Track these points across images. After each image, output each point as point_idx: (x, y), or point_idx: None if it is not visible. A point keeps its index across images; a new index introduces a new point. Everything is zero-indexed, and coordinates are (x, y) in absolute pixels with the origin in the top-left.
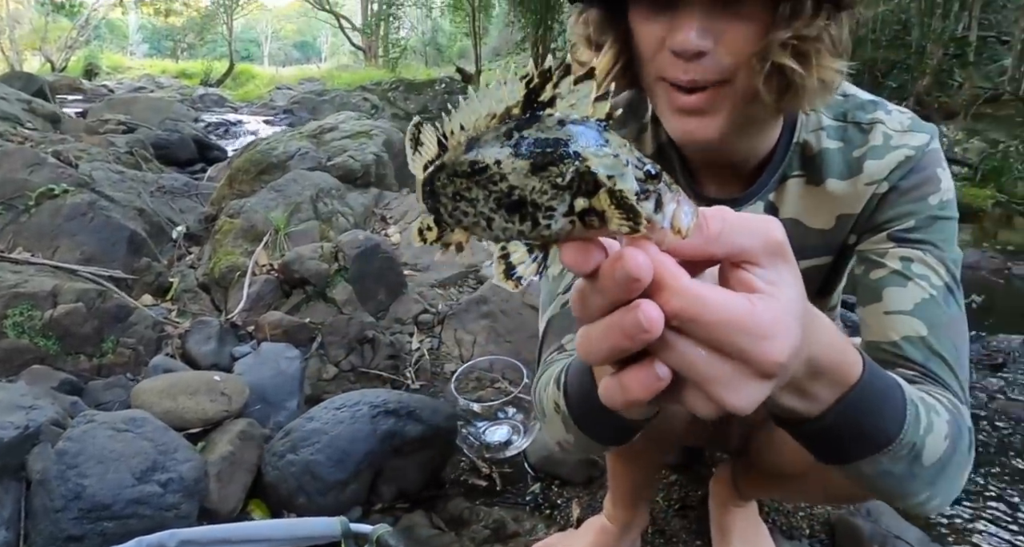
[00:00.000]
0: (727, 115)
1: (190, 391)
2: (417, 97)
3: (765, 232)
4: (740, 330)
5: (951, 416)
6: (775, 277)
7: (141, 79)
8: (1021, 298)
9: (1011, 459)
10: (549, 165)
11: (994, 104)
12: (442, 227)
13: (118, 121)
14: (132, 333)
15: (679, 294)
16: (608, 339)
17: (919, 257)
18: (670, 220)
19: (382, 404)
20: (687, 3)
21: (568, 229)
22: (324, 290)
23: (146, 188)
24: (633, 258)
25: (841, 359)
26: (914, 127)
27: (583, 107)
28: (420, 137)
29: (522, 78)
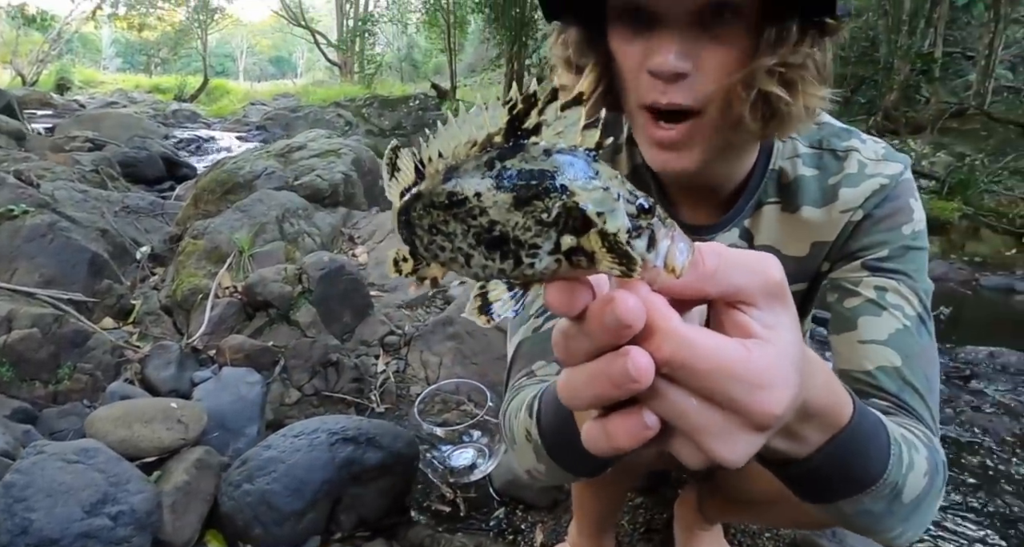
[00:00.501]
0: (703, 148)
1: (146, 419)
2: (391, 113)
3: (764, 271)
4: (734, 379)
5: (929, 452)
6: (772, 320)
7: (114, 94)
8: (988, 309)
9: (977, 472)
10: (534, 199)
11: (960, 118)
12: (418, 259)
13: (86, 138)
14: (90, 358)
15: (670, 339)
16: (594, 387)
17: (893, 287)
18: (664, 258)
19: (341, 431)
20: (667, 24)
21: (553, 268)
22: (288, 313)
23: (110, 208)
24: (624, 302)
25: (833, 401)
26: (888, 156)
27: (571, 135)
28: (397, 162)
29: (505, 103)
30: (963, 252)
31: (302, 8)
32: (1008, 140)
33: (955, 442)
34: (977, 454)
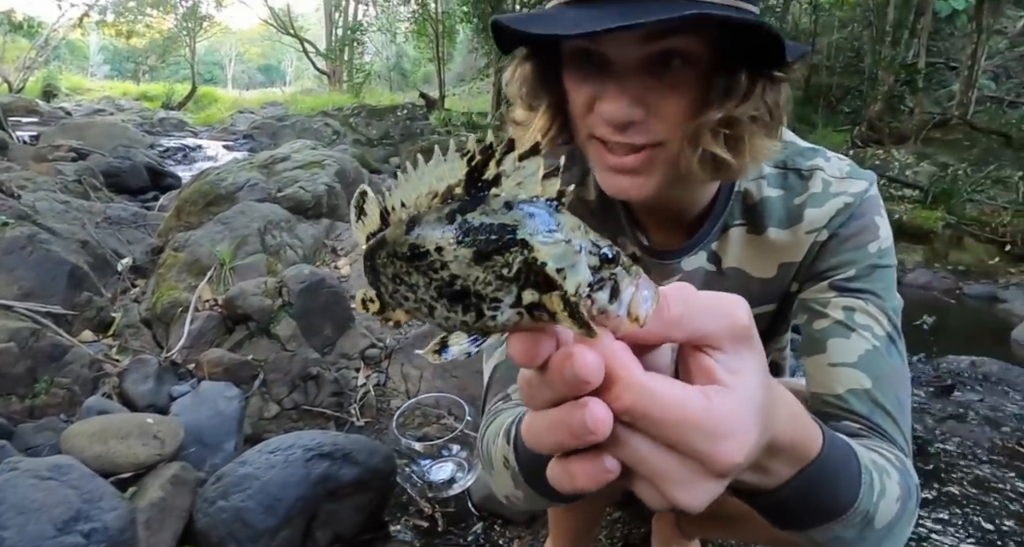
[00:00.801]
0: (660, 175)
1: (121, 434)
2: (379, 123)
3: (730, 316)
4: (694, 429)
5: (901, 476)
6: (738, 365)
7: (101, 101)
8: (971, 318)
9: (959, 483)
10: (494, 254)
11: (943, 129)
12: (384, 302)
13: (70, 147)
14: (67, 372)
15: (630, 389)
16: (554, 434)
17: (861, 307)
18: (627, 307)
19: (316, 447)
20: (617, 71)
21: (516, 320)
22: (268, 326)
23: (92, 219)
24: (582, 358)
25: (802, 436)
26: (853, 174)
27: (531, 185)
28: (364, 206)
29: (463, 155)
30: (947, 261)
31: (291, 17)
32: (990, 150)
33: (937, 453)
34: (959, 465)
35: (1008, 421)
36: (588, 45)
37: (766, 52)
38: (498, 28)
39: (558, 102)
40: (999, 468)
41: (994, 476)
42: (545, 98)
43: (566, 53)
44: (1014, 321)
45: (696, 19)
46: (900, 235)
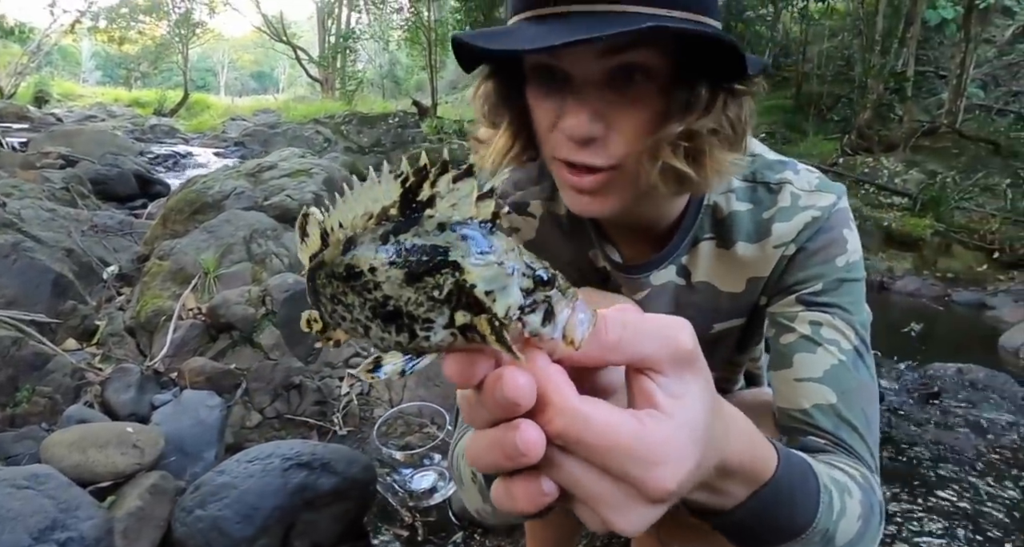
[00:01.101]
0: (621, 195)
1: (101, 443)
2: (371, 130)
3: (672, 339)
4: (626, 455)
5: (863, 494)
6: (679, 389)
7: (92, 107)
8: (960, 325)
9: (944, 491)
10: (425, 275)
11: (932, 137)
12: (326, 322)
13: (59, 154)
14: (49, 381)
15: (562, 413)
16: (490, 455)
17: (828, 321)
18: (562, 330)
19: (295, 456)
20: (579, 86)
21: (449, 341)
22: (251, 335)
23: (78, 227)
24: (513, 380)
25: (754, 457)
26: (822, 187)
27: (465, 207)
28: (307, 228)
29: (397, 176)
30: (935, 268)
31: (284, 24)
32: (979, 157)
33: (921, 460)
34: (943, 472)
35: (993, 428)
36: (549, 61)
37: (726, 66)
38: (459, 46)
39: (521, 120)
40: (983, 475)
41: (978, 484)
42: (507, 116)
43: (528, 69)
44: (1002, 328)
45: (654, 31)
46: (889, 242)
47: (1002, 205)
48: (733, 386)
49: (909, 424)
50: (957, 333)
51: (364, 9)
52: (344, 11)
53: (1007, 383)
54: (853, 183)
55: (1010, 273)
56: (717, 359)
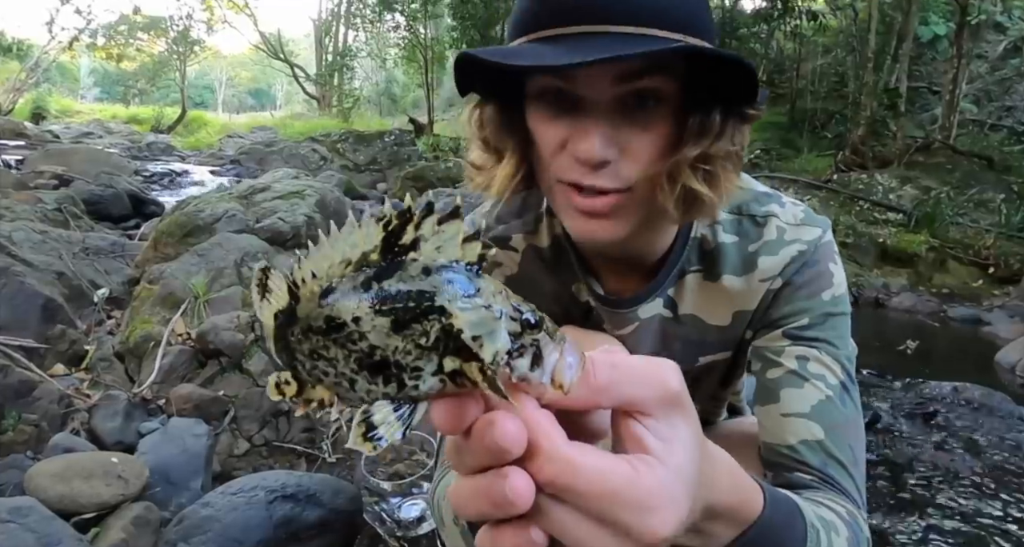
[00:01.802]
0: (629, 219)
1: (85, 474)
2: (366, 148)
3: (661, 382)
4: (620, 502)
5: (850, 531)
6: (669, 433)
7: (90, 124)
8: (956, 341)
9: (937, 512)
10: (412, 322)
11: (926, 152)
12: (301, 382)
13: (53, 174)
14: (35, 408)
15: (552, 461)
16: (476, 503)
17: (815, 356)
18: (550, 374)
19: (280, 488)
20: (590, 109)
21: (439, 388)
22: (240, 361)
23: (70, 249)
24: (503, 427)
25: (741, 499)
26: (807, 220)
27: (451, 249)
28: (268, 283)
29: (379, 220)
30: (931, 284)
31: (281, 42)
32: (972, 173)
33: (917, 482)
34: (939, 493)
35: (989, 448)
36: (559, 84)
37: (736, 91)
38: (460, 68)
39: (524, 146)
40: (979, 496)
41: (974, 505)
42: (511, 142)
43: (532, 93)
44: (998, 344)
45: (678, 52)
46: (884, 259)
47: (996, 220)
48: (716, 418)
49: (905, 445)
50: (953, 350)
51: (361, 27)
52: (341, 29)
53: (1003, 402)
54: (847, 199)
55: (1005, 288)
56: (702, 394)
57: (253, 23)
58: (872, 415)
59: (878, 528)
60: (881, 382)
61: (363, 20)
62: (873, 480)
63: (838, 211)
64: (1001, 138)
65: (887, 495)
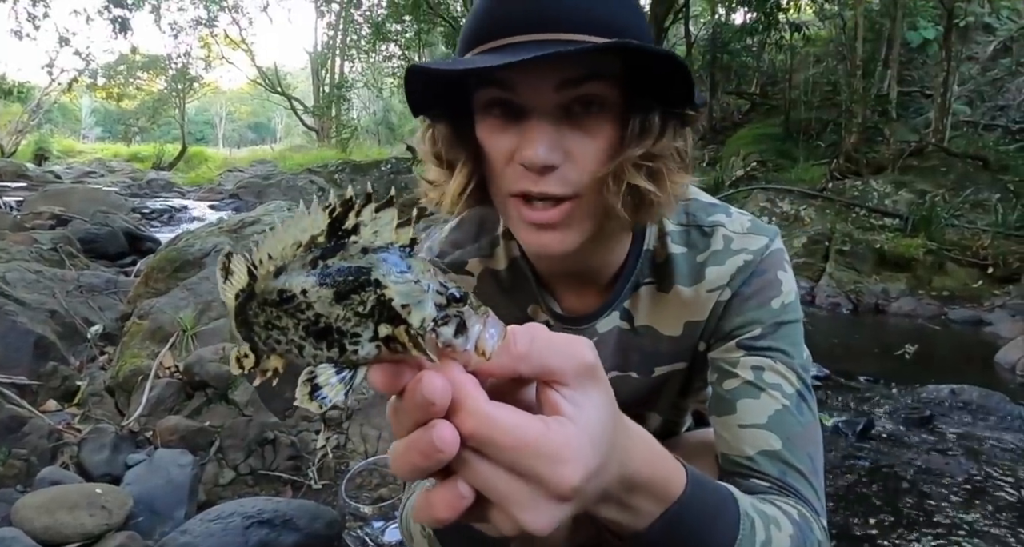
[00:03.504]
0: (581, 228)
1: (69, 505)
2: (363, 178)
3: (575, 353)
4: (532, 454)
5: (796, 529)
6: (581, 399)
7: (92, 163)
8: (957, 343)
9: (933, 516)
10: (351, 293)
11: (920, 156)
12: (258, 354)
13: (51, 214)
14: (25, 443)
15: (473, 415)
16: (409, 456)
17: (770, 365)
18: (474, 342)
19: (256, 514)
20: (536, 117)
21: (375, 353)
22: (226, 392)
23: (64, 287)
24: (430, 382)
25: (661, 473)
26: (754, 229)
27: (386, 234)
28: (230, 266)
29: (325, 207)
30: (930, 287)
31: (278, 75)
32: (967, 174)
33: (913, 487)
34: (934, 498)
35: (986, 451)
36: (505, 95)
37: (674, 95)
38: (410, 87)
39: (475, 160)
40: (975, 501)
41: (970, 509)
42: (462, 156)
43: (480, 106)
44: (999, 344)
45: (616, 47)
46: (882, 264)
47: (993, 220)
48: (680, 428)
49: (900, 450)
50: (954, 352)
51: (356, 58)
52: (337, 61)
53: (1000, 403)
54: (843, 207)
55: (1005, 288)
56: (663, 403)
57: (250, 58)
58: (866, 422)
59: (869, 534)
60: (878, 388)
61: (358, 51)
62: (867, 486)
63: (834, 219)
64: (996, 138)
65: (880, 501)
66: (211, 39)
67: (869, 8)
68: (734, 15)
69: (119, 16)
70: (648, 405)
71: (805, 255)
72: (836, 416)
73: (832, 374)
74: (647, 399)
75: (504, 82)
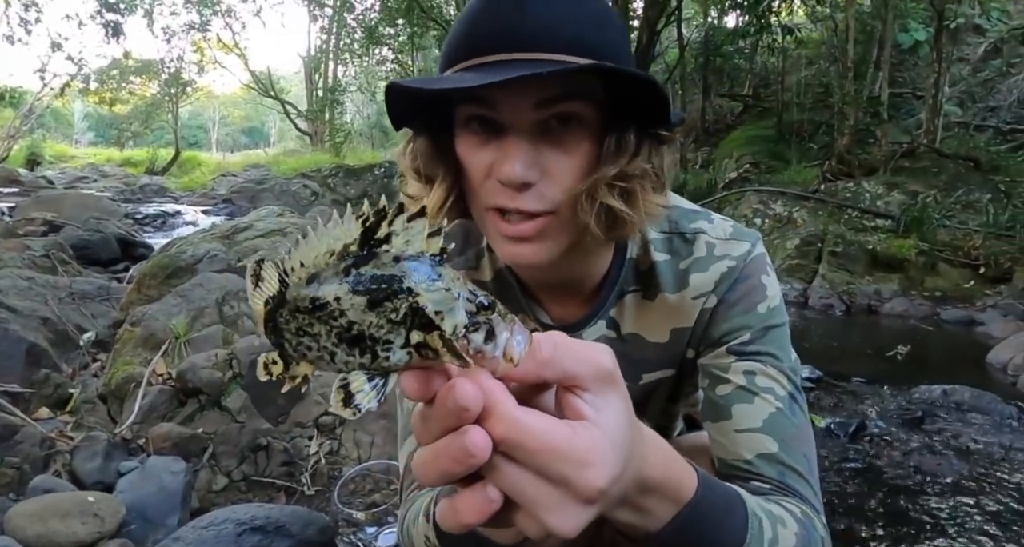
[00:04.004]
0: (556, 241)
1: (62, 513)
2: (357, 182)
3: (595, 360)
4: (560, 457)
5: (801, 527)
6: (602, 404)
7: (85, 168)
8: (949, 343)
9: (924, 516)
10: (385, 301)
11: (911, 157)
12: (287, 361)
13: (43, 220)
14: (17, 452)
15: (504, 421)
16: (439, 462)
17: (761, 369)
18: (502, 349)
19: (249, 521)
20: (514, 134)
21: (406, 360)
22: (219, 399)
23: (56, 294)
24: (463, 389)
25: (673, 476)
26: (736, 235)
27: (417, 243)
28: (261, 273)
29: (358, 217)
30: (923, 288)
31: (271, 80)
32: (958, 175)
33: (904, 487)
34: (925, 498)
35: (977, 451)
36: (484, 111)
37: (651, 115)
38: (393, 97)
39: (455, 174)
40: (966, 500)
41: (962, 508)
42: (441, 170)
43: (461, 121)
44: (991, 344)
45: (593, 69)
46: (875, 265)
47: (984, 220)
48: (672, 433)
49: (892, 451)
50: (946, 352)
51: (350, 62)
52: (330, 65)
53: (992, 403)
54: (836, 208)
55: (997, 288)
56: (653, 409)
57: (243, 62)
58: (859, 423)
59: (862, 534)
60: (871, 389)
61: (351, 55)
62: (859, 487)
63: (827, 220)
64: (987, 139)
65: (873, 501)
66: (204, 43)
67: (860, 10)
68: (726, 18)
69: (112, 21)
70: (638, 411)
71: (798, 257)
72: (829, 417)
73: (825, 375)
74: (637, 405)
75: (483, 99)
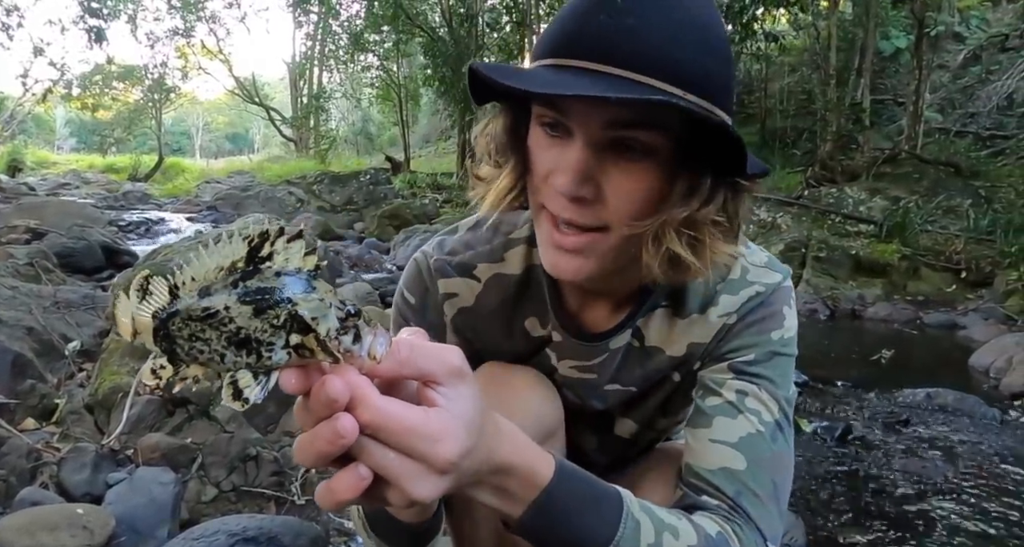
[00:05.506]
0: (600, 260)
1: (50, 526)
2: (342, 189)
3: (446, 358)
4: (416, 435)
5: (701, 542)
6: (453, 394)
7: (67, 175)
8: (932, 347)
9: (909, 520)
10: (268, 309)
11: (893, 163)
12: (176, 364)
13: (26, 227)
14: (3, 464)
15: (369, 408)
16: (316, 444)
17: (754, 391)
18: (367, 349)
19: (241, 531)
20: (579, 144)
21: (287, 359)
22: (207, 408)
23: (40, 303)
24: (332, 383)
25: (528, 462)
26: (771, 265)
27: (295, 260)
28: (149, 288)
29: (245, 238)
30: (905, 292)
31: (256, 86)
32: (939, 180)
33: (889, 491)
34: (910, 502)
35: (962, 454)
36: (555, 114)
37: (728, 159)
38: (474, 79)
39: (525, 163)
40: (952, 502)
41: (947, 511)
42: (512, 157)
43: (535, 117)
44: (973, 347)
45: (661, 104)
46: (858, 270)
47: (965, 225)
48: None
49: (877, 454)
50: (929, 356)
51: (335, 68)
52: (315, 71)
53: (975, 405)
54: (819, 214)
55: (978, 292)
56: (643, 411)
57: (228, 68)
58: (844, 427)
59: (848, 537)
60: (856, 393)
61: (337, 61)
62: (845, 490)
63: (811, 226)
64: (967, 144)
65: (859, 504)
66: (188, 49)
67: (842, 18)
68: None
69: (94, 26)
70: (628, 410)
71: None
72: (815, 421)
73: (810, 380)
74: (629, 402)
75: (557, 103)
